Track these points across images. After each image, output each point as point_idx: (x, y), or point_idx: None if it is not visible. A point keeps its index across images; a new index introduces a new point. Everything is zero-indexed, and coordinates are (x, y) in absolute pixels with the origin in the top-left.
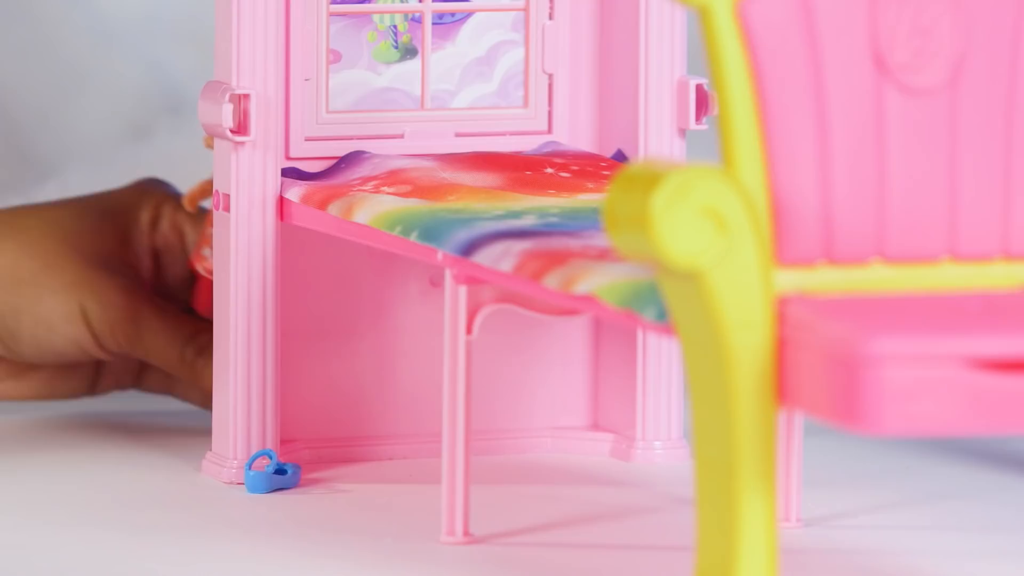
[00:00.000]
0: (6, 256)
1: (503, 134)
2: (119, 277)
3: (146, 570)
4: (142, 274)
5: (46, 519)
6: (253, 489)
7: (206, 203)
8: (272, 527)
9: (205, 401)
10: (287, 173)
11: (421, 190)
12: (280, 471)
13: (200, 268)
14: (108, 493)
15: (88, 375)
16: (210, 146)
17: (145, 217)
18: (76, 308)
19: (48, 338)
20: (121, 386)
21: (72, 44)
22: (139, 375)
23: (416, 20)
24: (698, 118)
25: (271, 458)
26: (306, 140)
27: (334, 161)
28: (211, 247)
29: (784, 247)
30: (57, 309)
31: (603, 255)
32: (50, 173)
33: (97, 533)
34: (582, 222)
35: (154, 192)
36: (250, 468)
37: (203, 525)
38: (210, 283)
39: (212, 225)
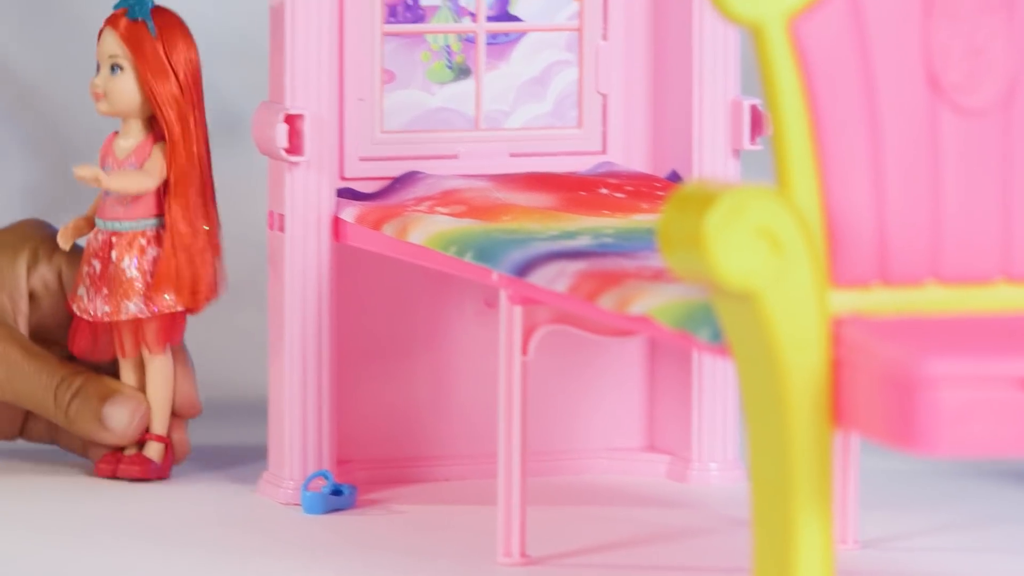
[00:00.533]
0: None
1: (557, 154)
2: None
3: None
4: (16, 318)
5: (107, 539)
6: (309, 510)
7: (81, 241)
8: (328, 548)
9: (85, 449)
10: (342, 193)
11: (475, 210)
12: (336, 492)
13: (76, 308)
14: (167, 514)
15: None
16: (81, 177)
17: (22, 259)
18: None
19: None
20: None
21: None
22: (24, 424)
23: (470, 40)
24: (752, 138)
25: (327, 479)
26: (360, 160)
27: (389, 181)
28: (86, 286)
29: (839, 268)
30: None
31: (658, 276)
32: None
33: (157, 553)
34: (637, 242)
35: (32, 234)
36: (306, 489)
37: (260, 546)
38: (87, 324)
39: (87, 264)
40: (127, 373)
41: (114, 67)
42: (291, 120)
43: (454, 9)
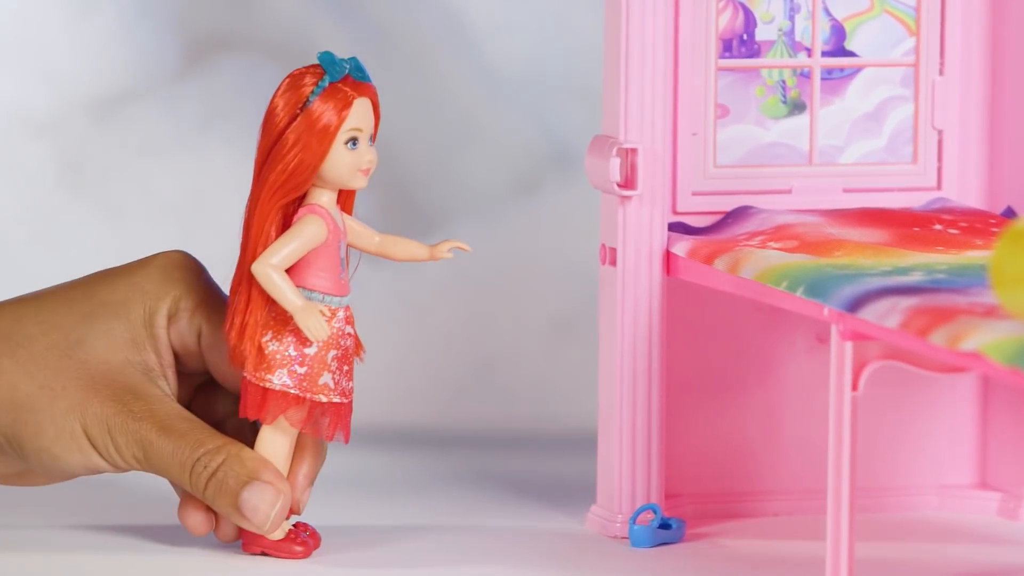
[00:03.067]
0: (3, 376)
1: (891, 190)
2: (123, 391)
3: None
4: (166, 372)
5: (430, 565)
6: (637, 543)
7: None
8: None
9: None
10: (674, 227)
11: (808, 245)
12: (664, 526)
13: (321, 395)
14: (494, 546)
15: None
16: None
17: (162, 311)
18: (80, 434)
19: (55, 465)
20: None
21: (463, 98)
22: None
23: (805, 75)
24: None
25: (655, 512)
26: (693, 195)
27: (721, 216)
28: (331, 371)
29: None
30: (58, 441)
31: (990, 312)
32: (439, 225)
33: None
34: (970, 279)
35: (177, 279)
36: (634, 522)
37: None
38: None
39: (336, 346)
40: (275, 446)
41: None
42: (625, 154)
43: (789, 44)
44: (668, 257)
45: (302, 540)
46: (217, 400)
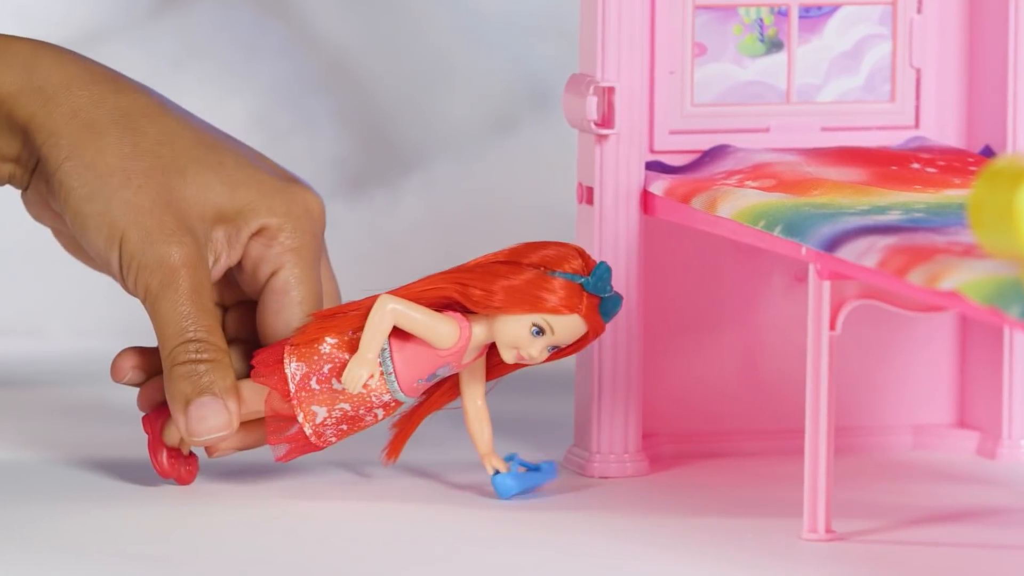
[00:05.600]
0: (101, 139)
1: (869, 128)
2: (182, 231)
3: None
4: (219, 255)
5: (405, 502)
6: (504, 493)
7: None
8: (631, 517)
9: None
10: (651, 166)
11: (785, 184)
12: (534, 469)
13: (303, 418)
14: (471, 484)
15: None
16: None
17: (258, 224)
18: (118, 230)
19: (83, 229)
20: None
21: (439, 37)
22: None
23: (782, 13)
24: None
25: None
26: (670, 133)
27: (698, 155)
28: (334, 420)
29: None
30: (98, 218)
31: (969, 251)
32: (415, 164)
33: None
34: (948, 218)
35: (298, 217)
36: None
37: (561, 511)
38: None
39: (359, 412)
40: (251, 396)
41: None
42: (602, 93)
43: None
44: (645, 196)
45: (187, 469)
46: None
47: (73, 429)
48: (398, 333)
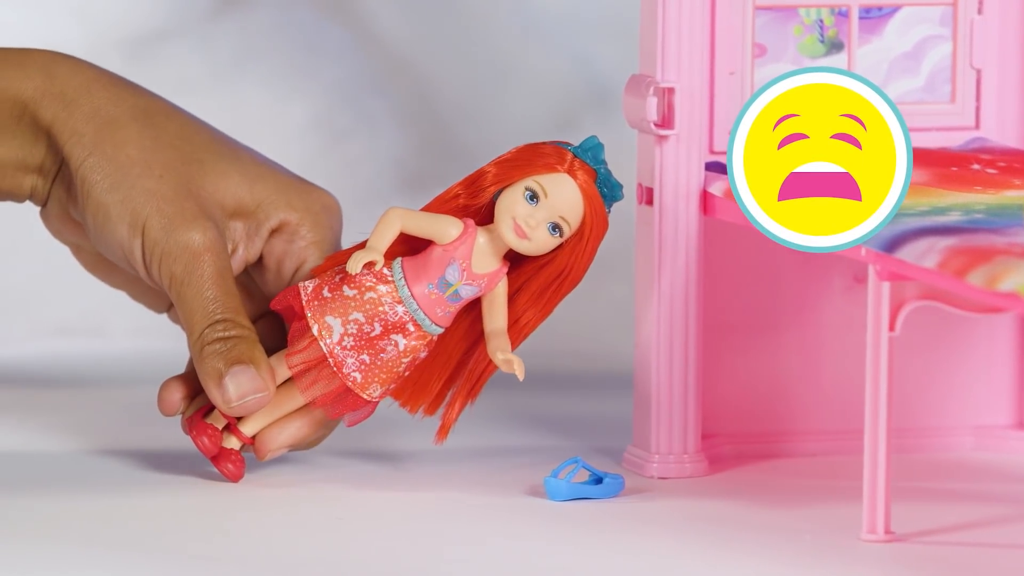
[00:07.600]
0: (122, 131)
1: (929, 129)
2: (203, 218)
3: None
4: (236, 249)
5: (465, 497)
6: (554, 496)
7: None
8: (688, 520)
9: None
10: (711, 167)
11: None
12: (598, 480)
13: (316, 329)
14: (529, 483)
15: None
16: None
17: (277, 221)
18: (140, 218)
19: (105, 227)
20: None
21: (498, 39)
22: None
23: (843, 14)
24: None
25: (584, 467)
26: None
27: None
28: (352, 333)
29: None
30: (120, 207)
31: None
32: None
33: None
34: (1008, 219)
35: (316, 214)
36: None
37: (625, 516)
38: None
39: (370, 324)
40: (282, 369)
41: (556, 227)
42: (662, 93)
43: None
44: (705, 196)
45: (235, 463)
46: None
47: (134, 427)
48: (408, 249)
